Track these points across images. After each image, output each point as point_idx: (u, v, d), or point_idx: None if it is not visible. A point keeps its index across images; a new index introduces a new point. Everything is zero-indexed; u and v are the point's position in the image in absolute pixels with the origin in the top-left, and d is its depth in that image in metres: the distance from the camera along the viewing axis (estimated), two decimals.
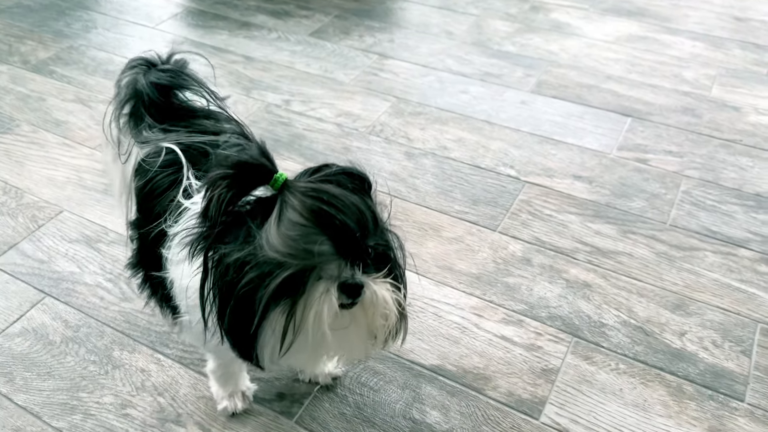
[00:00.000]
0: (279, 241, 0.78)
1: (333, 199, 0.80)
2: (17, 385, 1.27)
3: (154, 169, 1.07)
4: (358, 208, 0.82)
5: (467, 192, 1.71)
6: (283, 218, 0.79)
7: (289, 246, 0.78)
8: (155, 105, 1.12)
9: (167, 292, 1.02)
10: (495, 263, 1.51)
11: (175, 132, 1.11)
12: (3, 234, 1.60)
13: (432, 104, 2.04)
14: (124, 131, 1.15)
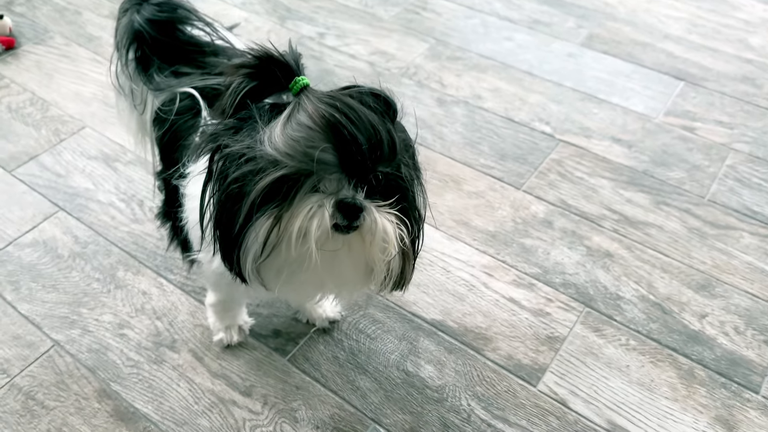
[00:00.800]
0: (281, 139, 0.74)
1: (347, 110, 0.75)
2: (22, 295, 1.29)
3: (171, 117, 1.03)
4: (374, 127, 0.76)
5: (496, 146, 1.63)
6: (292, 118, 0.75)
7: (290, 146, 0.74)
8: (159, 44, 1.06)
9: (185, 234, 0.99)
10: (514, 222, 1.44)
11: (188, 75, 1.06)
12: (25, 145, 1.60)
13: (472, 49, 1.93)
14: (134, 79, 1.11)
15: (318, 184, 0.78)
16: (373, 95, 0.82)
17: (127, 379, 1.16)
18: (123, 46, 1.10)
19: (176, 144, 1.01)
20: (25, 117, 1.68)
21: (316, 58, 1.88)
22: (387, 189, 0.83)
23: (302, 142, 0.74)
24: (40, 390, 1.15)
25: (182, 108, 1.03)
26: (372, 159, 0.78)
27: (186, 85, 1.04)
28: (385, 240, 0.81)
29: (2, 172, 1.53)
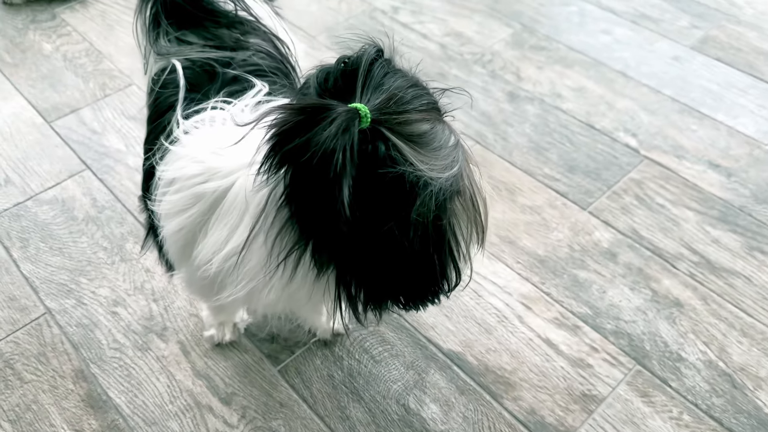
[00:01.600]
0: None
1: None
2: (29, 254, 1.23)
3: (157, 89, 0.91)
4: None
5: (566, 155, 1.41)
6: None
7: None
8: (176, 6, 0.94)
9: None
10: (570, 249, 1.23)
11: (189, 45, 0.94)
12: (70, 96, 1.55)
13: (562, 40, 1.70)
14: (145, 36, 1.00)
15: None
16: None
17: (108, 362, 1.08)
18: (141, 1, 0.99)
19: (155, 119, 0.89)
20: (77, 68, 1.63)
21: (384, 35, 1.71)
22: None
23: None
24: (21, 360, 1.08)
25: (168, 81, 0.90)
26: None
27: (181, 56, 0.92)
28: None
29: (41, 123, 1.49)
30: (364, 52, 0.63)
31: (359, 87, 0.62)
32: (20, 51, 1.68)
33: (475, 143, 1.42)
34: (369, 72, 0.62)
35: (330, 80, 0.63)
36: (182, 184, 0.78)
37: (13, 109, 1.52)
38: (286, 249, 0.66)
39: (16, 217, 1.29)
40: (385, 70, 0.63)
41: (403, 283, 0.67)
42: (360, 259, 0.64)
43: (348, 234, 0.60)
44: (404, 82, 0.63)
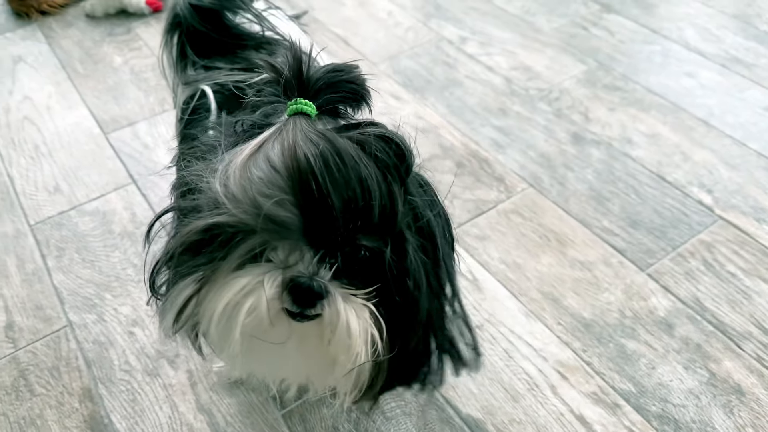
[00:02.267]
0: (237, 173, 0.56)
1: (331, 154, 0.56)
2: (62, 264, 1.24)
3: (185, 117, 0.89)
4: (363, 183, 0.56)
5: (630, 207, 1.28)
6: (263, 149, 0.57)
7: (241, 186, 0.56)
8: (198, 34, 0.92)
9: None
10: (621, 314, 1.11)
11: (216, 70, 0.91)
12: (130, 110, 1.58)
13: (640, 81, 1.57)
14: (172, 68, 0.98)
15: (264, 249, 0.58)
16: (383, 140, 0.60)
17: (116, 384, 1.05)
18: (166, 31, 0.98)
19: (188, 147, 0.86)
20: (141, 81, 1.66)
21: (447, 65, 1.64)
22: (368, 266, 0.61)
23: (257, 186, 0.55)
24: (35, 371, 1.08)
25: (197, 106, 0.87)
26: (351, 227, 0.56)
27: (210, 81, 0.89)
28: (348, 341, 0.60)
29: (98, 133, 1.52)
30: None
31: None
32: (93, 62, 1.73)
33: (528, 186, 1.32)
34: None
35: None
36: None
37: (76, 119, 1.56)
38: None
39: (58, 226, 1.31)
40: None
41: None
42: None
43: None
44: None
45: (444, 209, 0.71)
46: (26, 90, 1.66)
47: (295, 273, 0.57)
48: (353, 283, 0.61)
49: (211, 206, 0.58)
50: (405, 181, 0.62)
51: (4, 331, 1.13)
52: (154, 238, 0.73)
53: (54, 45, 1.81)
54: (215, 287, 0.59)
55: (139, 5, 1.88)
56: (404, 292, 0.62)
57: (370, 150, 0.59)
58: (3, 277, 1.22)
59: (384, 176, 0.58)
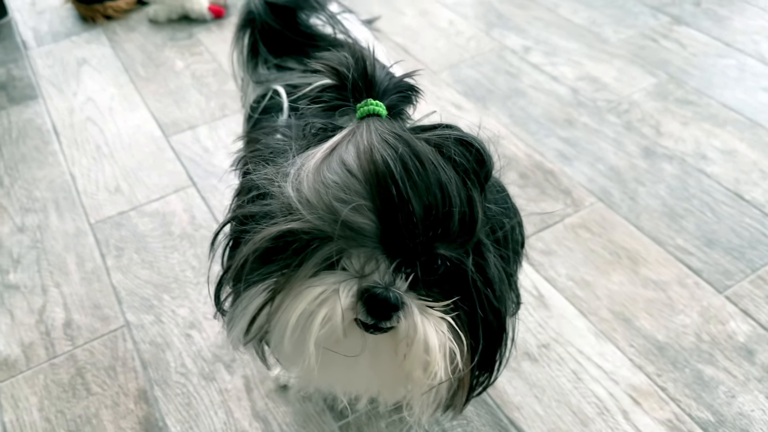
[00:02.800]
0: (310, 177, 0.54)
1: (410, 158, 0.52)
2: (121, 263, 1.24)
3: (256, 115, 0.88)
4: (443, 189, 0.53)
5: (705, 225, 1.21)
6: (336, 152, 0.54)
7: (315, 190, 0.53)
8: (272, 32, 0.91)
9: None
10: (697, 338, 1.04)
11: (290, 71, 0.89)
12: (191, 114, 1.59)
13: (714, 95, 1.50)
14: (243, 67, 0.97)
15: (340, 256, 0.55)
16: (462, 143, 0.57)
17: (172, 387, 1.04)
18: (239, 28, 0.97)
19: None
20: (202, 86, 1.67)
21: (510, 75, 1.60)
22: (448, 278, 0.58)
23: (332, 191, 0.52)
24: (92, 370, 1.07)
25: (269, 106, 0.86)
26: (430, 235, 0.53)
27: (282, 81, 0.87)
28: (426, 356, 0.56)
29: (160, 136, 1.53)
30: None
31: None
32: (154, 66, 1.75)
33: (597, 200, 1.26)
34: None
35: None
36: None
37: (137, 121, 1.57)
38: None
39: (117, 226, 1.31)
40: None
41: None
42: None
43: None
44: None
45: (521, 217, 0.68)
46: (89, 92, 1.69)
47: (371, 283, 0.54)
48: (430, 295, 0.57)
49: (284, 212, 0.55)
50: (484, 187, 0.58)
51: (62, 329, 1.14)
52: (217, 247, 0.71)
53: (117, 48, 1.84)
54: (289, 296, 0.56)
55: (201, 11, 1.90)
56: (486, 304, 0.59)
57: (448, 153, 0.56)
58: (63, 275, 1.23)
59: (464, 181, 0.55)
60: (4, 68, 1.79)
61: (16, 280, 1.22)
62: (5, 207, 1.37)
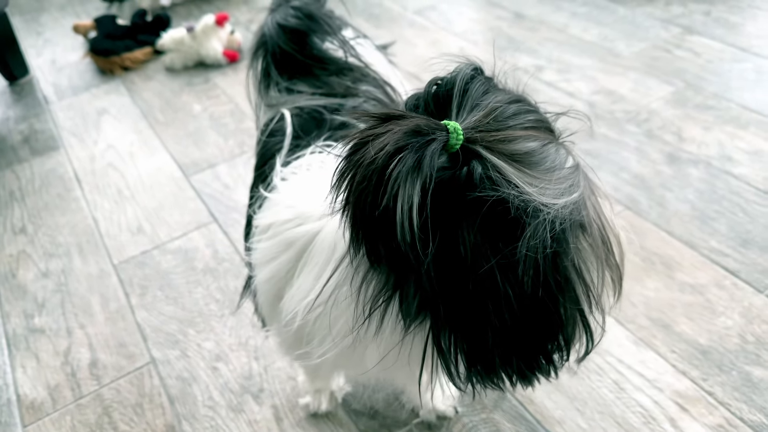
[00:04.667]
0: None
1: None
2: (146, 301, 1.23)
3: (263, 138, 0.88)
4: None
5: (738, 226, 1.17)
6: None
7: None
8: (283, 55, 0.91)
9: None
10: (741, 339, 0.99)
11: (298, 93, 0.89)
12: (210, 153, 1.60)
13: (734, 98, 1.47)
14: (256, 90, 0.98)
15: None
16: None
17: (200, 421, 1.01)
18: (253, 53, 0.98)
19: (260, 168, 0.84)
20: (220, 126, 1.69)
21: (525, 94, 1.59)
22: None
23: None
24: (119, 408, 1.05)
25: (275, 129, 0.85)
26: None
27: (291, 104, 0.87)
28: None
29: (180, 176, 1.54)
30: (459, 71, 0.53)
31: (454, 108, 0.51)
32: (172, 111, 1.78)
33: (624, 209, 1.23)
34: (465, 92, 0.52)
35: (420, 105, 0.53)
36: (275, 230, 0.71)
37: (157, 164, 1.59)
38: (371, 298, 0.55)
39: (141, 265, 1.31)
40: (485, 88, 0.52)
41: (511, 338, 0.52)
42: (455, 306, 0.51)
43: (436, 275, 0.48)
44: (505, 98, 0.51)
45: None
46: (110, 139, 1.71)
47: None
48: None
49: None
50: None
51: (88, 369, 1.12)
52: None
53: (136, 97, 1.88)
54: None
55: (216, 57, 1.94)
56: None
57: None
58: (87, 316, 1.22)
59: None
60: (26, 123, 1.83)
61: (41, 323, 1.22)
62: (29, 254, 1.38)
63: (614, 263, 0.56)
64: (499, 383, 0.55)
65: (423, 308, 0.52)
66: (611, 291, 0.58)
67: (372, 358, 0.63)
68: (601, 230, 0.53)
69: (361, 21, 2.06)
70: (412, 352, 0.58)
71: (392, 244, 0.47)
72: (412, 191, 0.44)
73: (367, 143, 0.46)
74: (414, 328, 0.54)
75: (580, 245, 0.51)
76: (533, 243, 0.46)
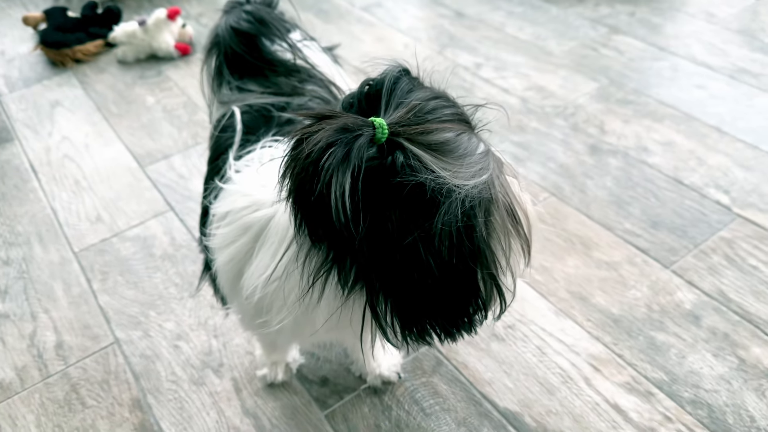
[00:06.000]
0: None
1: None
2: (107, 286, 1.30)
3: (216, 133, 0.96)
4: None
5: (650, 210, 1.32)
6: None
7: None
8: (235, 55, 0.99)
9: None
10: (648, 309, 1.14)
11: (249, 92, 0.98)
12: (164, 145, 1.66)
13: (651, 94, 1.63)
14: (209, 86, 1.05)
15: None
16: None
17: (164, 394, 1.10)
18: (207, 51, 1.05)
19: (214, 161, 0.92)
20: (173, 118, 1.75)
21: (464, 89, 1.71)
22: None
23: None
24: (86, 385, 1.12)
25: (227, 125, 0.94)
26: None
27: (242, 102, 0.96)
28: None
29: (136, 167, 1.60)
30: (388, 72, 0.62)
31: (382, 105, 0.61)
32: (126, 103, 1.83)
33: (550, 195, 1.37)
34: (392, 90, 0.61)
35: (355, 103, 0.63)
36: (233, 217, 0.80)
37: (113, 155, 1.64)
38: (314, 271, 0.65)
39: (101, 252, 1.37)
40: (409, 87, 0.62)
41: (435, 301, 0.62)
42: (386, 275, 0.61)
43: (368, 249, 0.58)
44: (426, 95, 0.61)
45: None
46: (64, 131, 1.75)
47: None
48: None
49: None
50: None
51: (54, 350, 1.19)
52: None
53: (89, 89, 1.92)
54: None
55: (168, 50, 1.98)
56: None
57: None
58: (51, 301, 1.28)
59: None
60: None
61: (5, 309, 1.27)
62: None
63: (523, 234, 0.67)
64: (428, 340, 0.66)
65: (359, 278, 0.62)
66: (521, 258, 0.68)
67: (320, 321, 0.73)
68: (509, 205, 0.63)
69: (311, 16, 2.14)
70: (354, 316, 0.68)
71: (329, 225, 0.57)
72: (343, 179, 0.53)
73: (303, 140, 0.56)
74: (353, 295, 0.64)
75: (490, 219, 0.61)
76: (447, 218, 0.56)
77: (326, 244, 0.61)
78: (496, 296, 0.65)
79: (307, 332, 0.82)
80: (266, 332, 0.82)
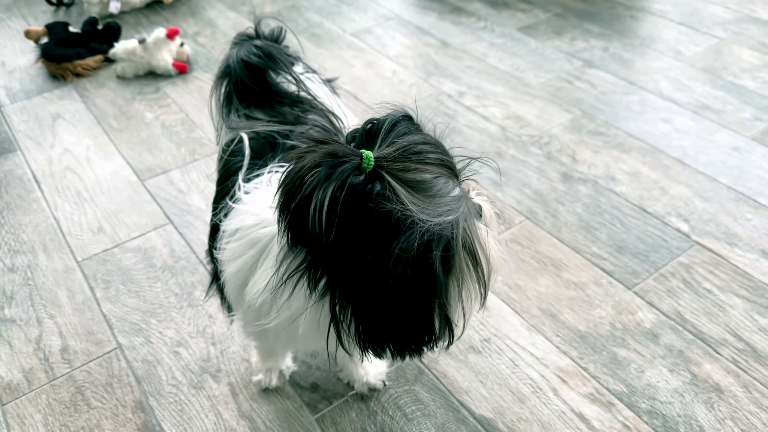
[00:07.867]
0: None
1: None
2: (109, 294, 1.38)
3: (225, 157, 1.05)
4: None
5: (616, 235, 1.44)
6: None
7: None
8: (244, 86, 1.09)
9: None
10: (611, 327, 1.25)
11: (255, 120, 1.08)
12: (163, 160, 1.75)
13: (621, 127, 1.76)
14: (219, 112, 1.15)
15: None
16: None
17: (165, 397, 1.18)
18: (217, 78, 1.15)
19: (223, 182, 1.02)
20: (172, 134, 1.84)
21: (448, 116, 1.83)
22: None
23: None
24: (90, 387, 1.20)
25: (235, 150, 1.03)
26: None
27: (249, 129, 1.05)
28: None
29: (136, 181, 1.68)
30: (390, 115, 0.72)
31: (378, 142, 0.71)
32: (126, 118, 1.91)
33: (525, 219, 1.48)
34: (389, 131, 0.71)
35: (357, 137, 0.73)
36: (242, 233, 0.89)
37: (113, 168, 1.72)
38: (289, 271, 0.73)
39: (103, 262, 1.45)
40: (406, 129, 0.72)
41: (388, 318, 0.70)
42: (347, 284, 0.69)
43: (335, 258, 0.67)
44: (418, 139, 0.70)
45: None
46: (66, 143, 1.83)
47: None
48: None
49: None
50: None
51: (59, 354, 1.26)
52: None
53: (89, 103, 1.99)
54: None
55: (166, 67, 2.07)
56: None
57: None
58: (56, 307, 1.35)
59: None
60: None
61: (12, 314, 1.34)
62: None
63: (482, 277, 0.73)
64: (380, 353, 0.75)
65: (327, 287, 0.71)
66: (476, 300, 0.75)
67: (301, 323, 0.81)
68: (471, 248, 0.71)
69: (303, 40, 2.25)
70: (322, 319, 0.75)
71: (305, 232, 0.66)
72: (323, 194, 0.63)
73: (296, 159, 0.66)
74: (320, 300, 0.72)
75: (448, 256, 0.68)
76: (404, 246, 0.64)
77: (303, 248, 0.70)
78: (445, 328, 0.73)
79: (297, 337, 0.92)
80: (265, 339, 0.91)
